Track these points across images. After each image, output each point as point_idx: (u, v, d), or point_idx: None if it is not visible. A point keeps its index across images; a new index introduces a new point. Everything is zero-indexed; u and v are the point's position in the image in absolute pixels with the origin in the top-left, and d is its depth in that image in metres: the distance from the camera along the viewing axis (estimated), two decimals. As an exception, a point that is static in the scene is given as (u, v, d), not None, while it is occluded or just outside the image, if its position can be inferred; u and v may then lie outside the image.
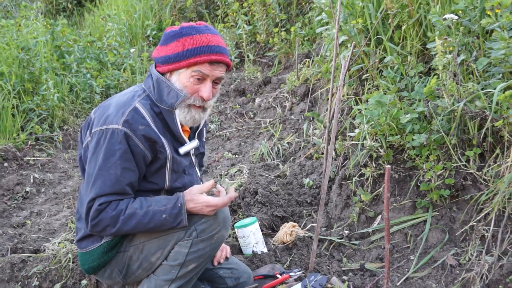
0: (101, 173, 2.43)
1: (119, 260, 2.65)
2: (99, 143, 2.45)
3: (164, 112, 2.57)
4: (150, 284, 2.66)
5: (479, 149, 3.15)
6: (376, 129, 3.56)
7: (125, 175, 2.46)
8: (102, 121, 2.48)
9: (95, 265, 2.64)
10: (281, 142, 5.13)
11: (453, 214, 3.24)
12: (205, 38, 2.51)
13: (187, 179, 2.72)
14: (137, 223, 2.44)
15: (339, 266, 3.27)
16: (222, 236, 2.64)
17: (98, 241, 2.60)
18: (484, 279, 2.66)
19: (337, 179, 3.92)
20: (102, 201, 2.41)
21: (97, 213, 2.41)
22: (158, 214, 2.46)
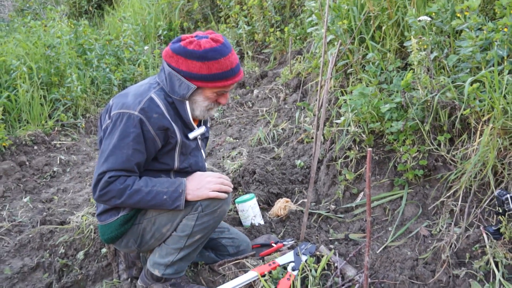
0: (115, 151, 2.42)
1: (134, 231, 2.65)
2: (116, 124, 2.44)
3: (176, 102, 2.56)
4: (161, 252, 2.67)
5: (449, 135, 3.15)
6: (359, 117, 3.55)
7: (135, 156, 2.45)
8: (120, 105, 2.47)
9: (113, 235, 2.63)
10: (276, 128, 5.12)
11: (426, 191, 3.24)
12: (228, 62, 2.48)
13: (193, 160, 2.71)
14: (140, 199, 2.44)
15: (326, 236, 3.27)
16: (224, 211, 2.64)
17: (115, 215, 2.60)
18: (453, 248, 2.66)
19: (325, 160, 3.91)
20: (112, 174, 2.40)
21: (106, 184, 2.40)
22: (160, 194, 2.46)
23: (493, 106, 2.81)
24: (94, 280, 3.08)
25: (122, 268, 3.01)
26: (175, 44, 2.51)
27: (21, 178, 4.75)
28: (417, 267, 2.72)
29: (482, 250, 2.54)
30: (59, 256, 3.29)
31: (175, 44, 2.51)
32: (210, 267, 2.96)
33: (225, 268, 2.87)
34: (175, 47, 2.50)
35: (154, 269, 2.69)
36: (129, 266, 3.00)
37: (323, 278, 2.79)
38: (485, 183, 2.88)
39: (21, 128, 5.67)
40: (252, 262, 2.86)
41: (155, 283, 2.72)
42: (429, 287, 2.60)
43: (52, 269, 3.22)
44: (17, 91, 5.81)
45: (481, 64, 3.07)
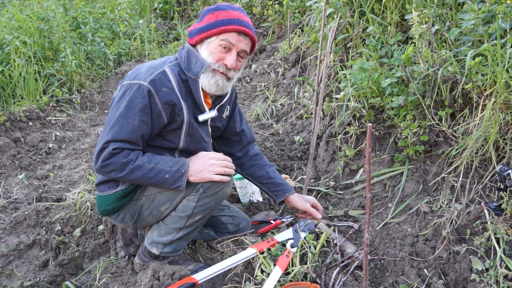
0: (120, 120, 2.39)
1: (132, 207, 2.64)
2: (125, 94, 2.43)
3: (190, 80, 2.53)
4: (160, 231, 2.67)
5: (450, 109, 3.13)
6: (359, 92, 3.53)
7: (141, 127, 2.42)
8: (132, 77, 2.46)
9: (109, 208, 2.63)
10: (274, 103, 5.09)
11: (426, 167, 3.23)
12: (237, 13, 2.50)
13: (201, 144, 2.68)
14: (141, 175, 2.41)
15: (325, 213, 3.27)
16: (225, 193, 2.63)
17: (114, 188, 2.59)
18: (453, 224, 2.66)
19: (324, 136, 3.90)
20: (117, 146, 2.37)
21: (109, 156, 2.37)
22: (162, 172, 2.44)
23: (495, 80, 2.79)
24: (91, 257, 3.09)
25: (119, 245, 3.01)
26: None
27: (16, 155, 4.74)
28: (417, 244, 2.72)
29: (483, 226, 2.54)
30: (56, 233, 3.29)
31: None
32: (208, 244, 2.97)
33: (223, 246, 2.88)
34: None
35: (152, 247, 2.70)
36: (126, 244, 3.01)
37: (322, 255, 2.80)
38: (487, 158, 2.87)
39: (15, 103, 5.63)
40: (250, 239, 2.87)
41: (152, 260, 2.73)
42: (429, 263, 2.61)
43: (49, 246, 3.23)
44: (10, 66, 5.77)
45: (484, 37, 3.03)
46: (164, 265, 2.59)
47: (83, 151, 4.90)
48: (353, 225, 3.03)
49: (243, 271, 2.68)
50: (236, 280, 2.66)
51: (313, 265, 2.65)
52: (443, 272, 2.55)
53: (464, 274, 2.39)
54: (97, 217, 3.28)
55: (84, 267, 3.04)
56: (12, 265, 3.13)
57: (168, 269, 2.50)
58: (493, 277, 2.31)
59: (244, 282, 2.60)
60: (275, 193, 3.01)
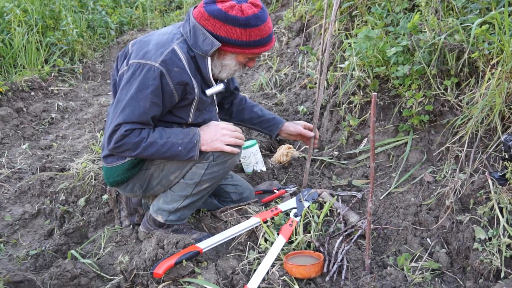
0: (132, 102, 2.40)
1: (141, 176, 2.67)
2: (134, 74, 2.41)
3: (198, 57, 2.50)
4: (166, 198, 2.70)
5: (456, 79, 3.12)
6: (364, 61, 3.51)
7: (152, 109, 2.43)
8: (141, 55, 2.43)
9: (119, 179, 2.66)
10: (278, 73, 5.07)
11: (431, 137, 3.23)
12: (267, 28, 2.47)
13: (207, 115, 2.71)
14: (155, 151, 2.45)
15: (329, 183, 3.29)
16: (234, 162, 2.68)
17: (122, 158, 2.61)
18: (457, 194, 2.67)
19: (328, 106, 3.90)
20: (128, 127, 2.40)
21: (121, 137, 2.40)
22: (175, 146, 2.47)
23: (502, 49, 2.77)
24: (95, 227, 3.13)
25: (123, 214, 3.05)
26: (212, 7, 2.43)
27: (19, 125, 4.76)
28: (421, 213, 2.75)
29: (486, 196, 2.55)
30: (60, 202, 3.33)
31: (212, 6, 2.43)
32: (212, 214, 3.00)
33: (227, 215, 2.91)
34: (213, 10, 2.42)
35: (157, 214, 2.73)
36: (130, 213, 3.04)
37: (325, 224, 2.83)
38: (492, 128, 2.87)
39: (16, 73, 5.63)
40: (254, 209, 2.89)
41: (157, 228, 2.76)
42: (432, 233, 2.63)
43: (54, 215, 3.27)
44: (11, 35, 5.74)
45: (491, 4, 3.00)
46: (168, 234, 2.62)
47: (86, 121, 4.92)
48: (357, 195, 3.05)
49: (247, 240, 2.71)
50: (240, 248, 2.70)
51: (316, 234, 2.69)
52: (446, 241, 2.58)
53: (467, 243, 2.42)
54: (101, 187, 3.31)
55: (89, 236, 3.08)
56: (17, 234, 3.17)
57: (173, 237, 2.54)
58: (496, 246, 2.33)
59: (248, 251, 2.64)
60: (269, 128, 3.12)
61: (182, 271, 2.40)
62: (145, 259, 2.47)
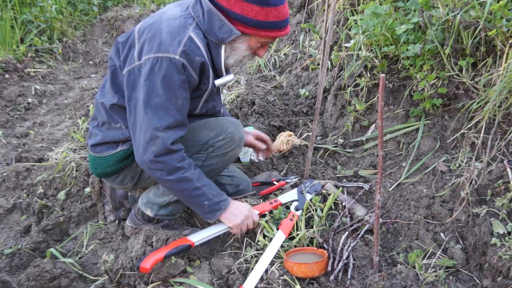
0: (164, 103, 2.33)
1: (133, 168, 2.67)
2: (154, 70, 2.33)
3: (211, 44, 2.47)
4: (157, 191, 2.69)
5: (472, 59, 3.11)
6: (372, 40, 3.50)
7: (184, 105, 2.40)
8: (156, 47, 2.34)
9: (109, 171, 2.65)
10: (277, 53, 5.06)
11: (444, 122, 3.23)
12: (285, 10, 2.44)
13: (210, 104, 2.69)
14: (185, 189, 2.43)
15: (333, 173, 3.29)
16: (235, 154, 2.68)
17: (114, 148, 2.60)
18: (473, 184, 2.68)
19: (332, 89, 3.89)
20: (173, 139, 2.35)
21: (165, 152, 2.34)
22: (204, 197, 2.46)
23: (523, 25, 2.77)
24: (77, 222, 3.12)
25: (108, 209, 3.04)
26: None
27: (-8, 111, 4.75)
28: (434, 206, 2.75)
29: (505, 186, 2.56)
30: (38, 196, 3.32)
31: None
32: (205, 208, 3.00)
33: (221, 208, 2.91)
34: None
35: (146, 208, 2.73)
36: (116, 207, 3.04)
37: (329, 219, 2.83)
38: (511, 112, 2.87)
39: (-11, 54, 5.61)
40: (251, 202, 2.89)
41: (146, 223, 2.76)
42: (446, 227, 2.63)
43: (31, 210, 3.26)
44: (-17, 12, 5.72)
45: (511, -23, 2.99)
46: (157, 230, 2.62)
47: (66, 106, 4.90)
48: (364, 186, 3.05)
49: (244, 235, 2.71)
50: (236, 245, 2.70)
51: (319, 229, 2.69)
52: (461, 236, 2.58)
53: (484, 238, 2.42)
54: (83, 179, 3.31)
55: (70, 233, 3.08)
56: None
57: (162, 234, 2.54)
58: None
59: (245, 248, 2.64)
60: None
61: (172, 270, 2.40)
62: (132, 257, 2.47)
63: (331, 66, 4.11)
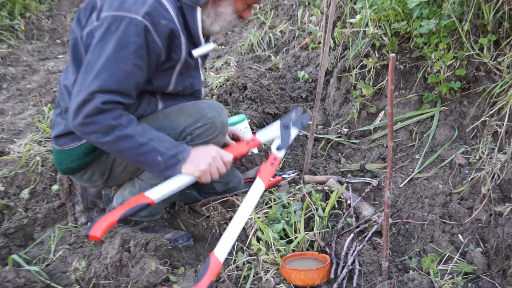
0: (109, 64, 2.31)
1: (102, 162, 2.65)
2: (110, 30, 2.32)
3: (185, 7, 2.47)
4: (133, 189, 2.68)
5: (494, 36, 3.12)
6: (380, 15, 3.50)
7: (135, 73, 2.36)
8: (117, 5, 2.34)
9: (74, 166, 2.63)
10: (272, 30, 5.06)
11: (463, 108, 3.25)
12: None
13: (188, 81, 2.66)
14: (128, 148, 2.36)
15: (337, 167, 3.30)
16: (218, 142, 2.65)
17: (79, 139, 2.56)
18: (495, 179, 2.69)
19: (336, 71, 3.90)
20: (107, 99, 2.30)
21: (96, 112, 2.29)
22: (154, 153, 2.39)
23: (553, -3, 2.78)
24: (44, 225, 3.12)
25: (79, 209, 3.04)
26: None
27: None
28: (451, 204, 2.76)
29: (532, 181, 2.58)
30: (-2, 195, 3.32)
31: None
32: (190, 207, 3.01)
33: (209, 208, 2.91)
34: None
35: (124, 207, 2.73)
36: (88, 207, 3.04)
37: (332, 219, 2.84)
38: (539, 97, 2.89)
39: None
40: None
41: (122, 226, 2.76)
42: (465, 227, 2.65)
43: (-10, 211, 3.27)
44: None
45: None
46: (136, 233, 2.62)
47: (30, 91, 4.89)
48: (371, 182, 3.06)
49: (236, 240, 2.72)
50: (226, 250, 2.71)
51: (321, 231, 2.70)
52: (482, 238, 2.60)
53: (508, 240, 2.44)
54: (50, 175, 3.30)
55: (35, 237, 3.08)
56: None
57: (141, 237, 2.54)
58: (544, 244, 2.36)
59: (236, 253, 2.65)
60: None
61: (152, 278, 2.41)
62: (107, 264, 2.48)
63: (333, 45, 4.12)
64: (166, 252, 2.57)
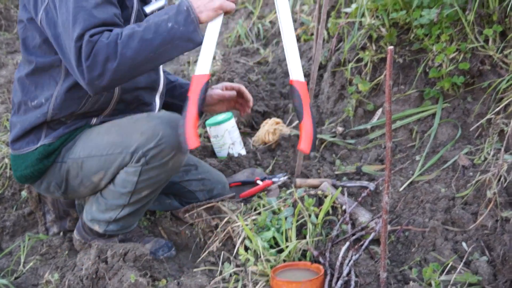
0: (80, 6, 2.28)
1: (56, 172, 2.64)
2: None
3: None
4: (99, 206, 2.65)
5: (500, 27, 3.13)
6: (377, 4, 3.51)
7: (106, 6, 2.35)
8: None
9: (27, 173, 2.62)
10: (261, 21, 5.06)
11: (467, 105, 3.25)
12: None
13: None
14: (140, 43, 2.28)
15: (331, 170, 3.30)
16: (179, 162, 2.60)
17: (34, 143, 2.57)
18: (502, 182, 2.70)
19: (330, 65, 3.90)
20: (93, 32, 2.25)
21: (90, 47, 2.24)
22: (162, 24, 2.32)
23: None
24: (12, 234, 3.11)
25: (50, 219, 3.02)
26: None
27: None
28: (454, 209, 2.77)
29: (542, 184, 2.59)
30: (-40, 201, 3.31)
31: None
32: (173, 214, 3.00)
33: (193, 215, 2.91)
34: None
35: (93, 224, 2.70)
36: (60, 217, 3.01)
37: (326, 226, 2.84)
38: (549, 93, 2.90)
39: None
40: (230, 206, 2.89)
41: (96, 238, 2.75)
42: (469, 235, 2.65)
43: (-47, 219, 3.25)
44: None
45: None
46: (113, 243, 2.62)
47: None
48: (368, 186, 3.06)
49: (221, 248, 2.72)
50: (211, 261, 2.71)
51: (314, 239, 2.70)
52: (487, 246, 2.60)
53: (516, 248, 2.45)
54: (20, 179, 3.29)
55: (2, 247, 3.07)
56: None
57: (119, 247, 2.54)
58: (554, 252, 2.37)
59: (222, 264, 2.65)
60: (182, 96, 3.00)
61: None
62: (82, 277, 2.47)
63: (327, 36, 4.12)
64: (146, 263, 2.56)
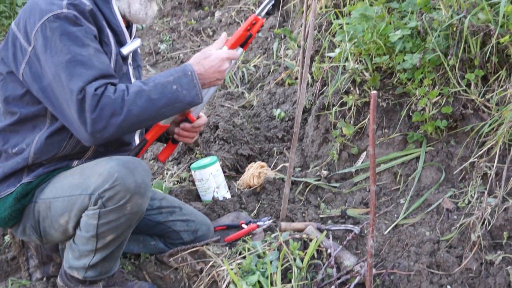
0: (74, 59, 2.30)
1: (30, 213, 2.61)
2: (47, 37, 2.33)
3: (100, 3, 2.52)
4: (74, 253, 2.60)
5: (481, 71, 3.16)
6: (361, 48, 3.54)
7: (100, 56, 2.39)
8: (38, 16, 2.35)
9: (6, 215, 2.58)
10: (246, 65, 5.09)
11: (450, 149, 3.27)
12: None
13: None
14: (147, 102, 2.33)
15: (316, 213, 3.30)
16: (137, 205, 2.50)
17: (14, 184, 2.56)
18: (486, 225, 2.71)
19: (314, 109, 3.92)
20: (96, 86, 2.28)
21: (95, 100, 2.26)
22: (168, 86, 2.39)
23: (542, 31, 2.83)
24: (-4, 279, 3.08)
25: (33, 264, 2.99)
26: None
27: None
28: (439, 252, 2.77)
29: (525, 227, 2.59)
30: None
31: None
32: (157, 258, 2.98)
33: (178, 259, 2.90)
34: None
35: (72, 271, 2.67)
36: (43, 262, 2.98)
37: (311, 270, 2.83)
38: (531, 137, 2.92)
39: None
40: (215, 250, 2.88)
41: (78, 285, 2.71)
42: (454, 278, 2.65)
43: None
44: None
45: (526, -27, 3.07)
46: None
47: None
48: (353, 229, 3.06)
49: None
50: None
51: (299, 283, 2.69)
52: (473, 289, 2.61)
53: (500, 291, 2.45)
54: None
55: (-14, 293, 3.04)
56: None
57: (103, 291, 2.52)
58: (538, 295, 2.37)
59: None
60: None
61: None
62: (65, 323, 2.45)
63: (311, 80, 4.15)
64: (130, 309, 2.55)
